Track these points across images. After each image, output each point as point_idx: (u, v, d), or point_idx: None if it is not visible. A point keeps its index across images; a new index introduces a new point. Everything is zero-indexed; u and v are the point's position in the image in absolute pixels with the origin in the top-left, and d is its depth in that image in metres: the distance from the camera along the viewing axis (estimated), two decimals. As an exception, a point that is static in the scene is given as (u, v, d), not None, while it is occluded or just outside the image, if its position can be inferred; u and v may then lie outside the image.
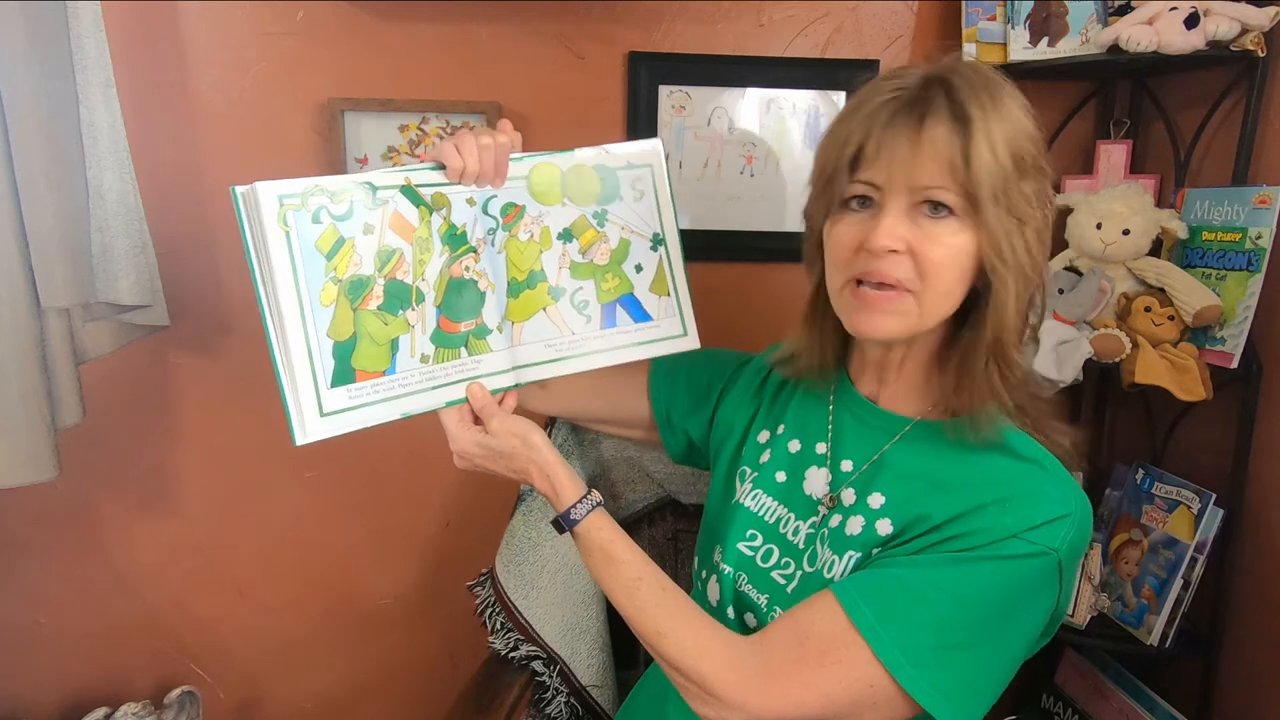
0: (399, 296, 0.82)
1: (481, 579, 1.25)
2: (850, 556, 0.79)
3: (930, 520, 0.75)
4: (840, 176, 0.76)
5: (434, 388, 0.86)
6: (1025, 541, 0.71)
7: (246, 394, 1.50)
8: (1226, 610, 1.36)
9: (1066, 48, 1.38)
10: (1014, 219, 0.72)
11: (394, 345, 0.82)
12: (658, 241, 0.96)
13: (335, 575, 1.62)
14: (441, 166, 0.85)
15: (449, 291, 0.86)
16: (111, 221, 1.25)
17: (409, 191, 0.83)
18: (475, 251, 0.88)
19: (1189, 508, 1.32)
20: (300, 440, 0.77)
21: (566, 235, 0.92)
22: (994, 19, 1.42)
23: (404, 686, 1.69)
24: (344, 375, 0.79)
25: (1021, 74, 1.44)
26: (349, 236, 0.79)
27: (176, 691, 1.52)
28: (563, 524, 0.84)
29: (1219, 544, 1.32)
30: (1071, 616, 1.37)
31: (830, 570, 0.80)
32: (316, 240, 0.77)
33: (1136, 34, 1.29)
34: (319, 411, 0.78)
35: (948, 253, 0.72)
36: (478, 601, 1.23)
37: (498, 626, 1.20)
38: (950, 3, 1.48)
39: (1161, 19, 1.28)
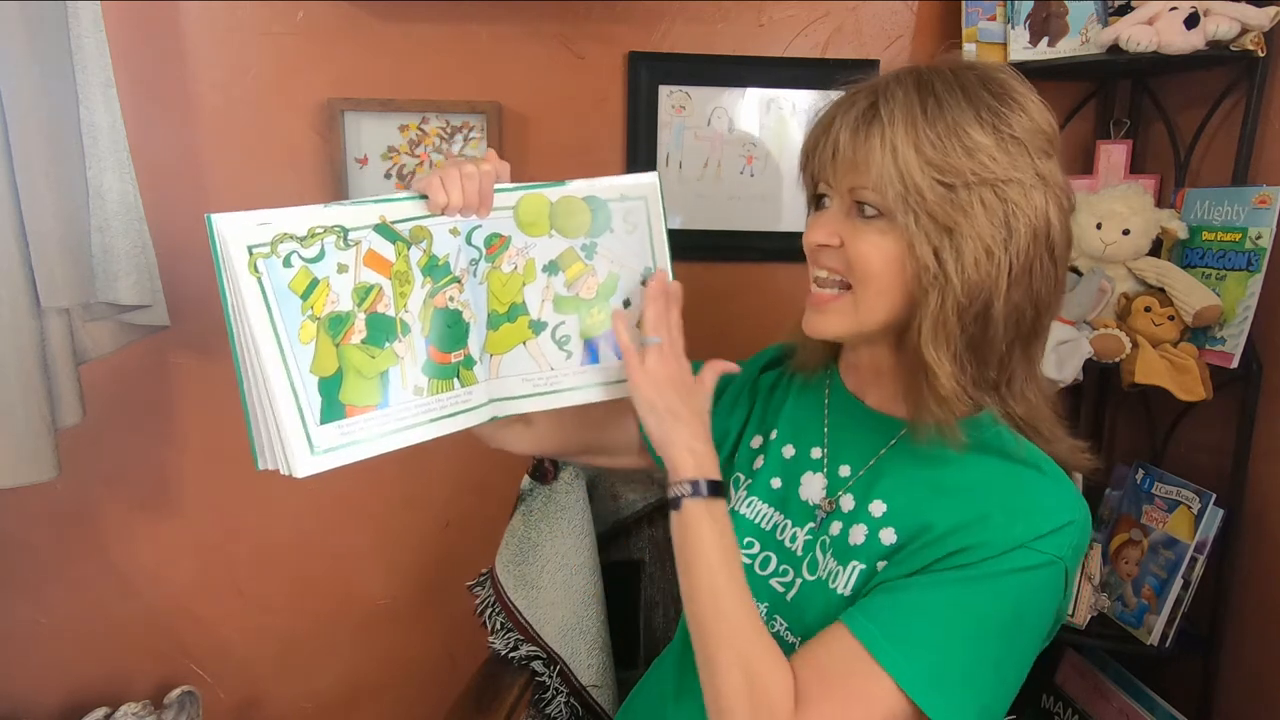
0: (383, 329, 0.81)
1: (481, 579, 1.25)
2: (855, 567, 0.78)
3: (934, 530, 0.74)
4: (804, 177, 0.82)
5: (431, 420, 0.84)
6: (1034, 551, 0.71)
7: (246, 394, 1.50)
8: (1226, 610, 1.36)
9: (1066, 48, 1.38)
10: (939, 227, 0.71)
11: (384, 378, 0.81)
12: (649, 276, 0.93)
13: (335, 575, 1.62)
14: (422, 197, 0.83)
15: (435, 322, 0.84)
16: (111, 221, 1.25)
17: (384, 229, 0.81)
18: (459, 282, 0.86)
19: (1189, 508, 1.32)
20: (299, 475, 0.75)
21: (552, 268, 0.90)
22: (994, 19, 1.42)
23: (404, 686, 1.69)
24: (333, 411, 0.78)
25: (1022, 74, 1.44)
26: (323, 276, 0.78)
27: (176, 691, 1.52)
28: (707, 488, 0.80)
29: (1219, 544, 1.32)
30: (1071, 616, 1.37)
31: (834, 580, 0.79)
32: (290, 282, 0.76)
33: (1136, 34, 1.29)
34: (309, 449, 0.76)
35: (873, 250, 0.74)
36: (478, 601, 1.23)
37: (498, 626, 1.20)
38: (950, 3, 1.48)
39: (1161, 19, 1.28)
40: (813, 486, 0.86)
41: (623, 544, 1.27)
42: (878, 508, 0.79)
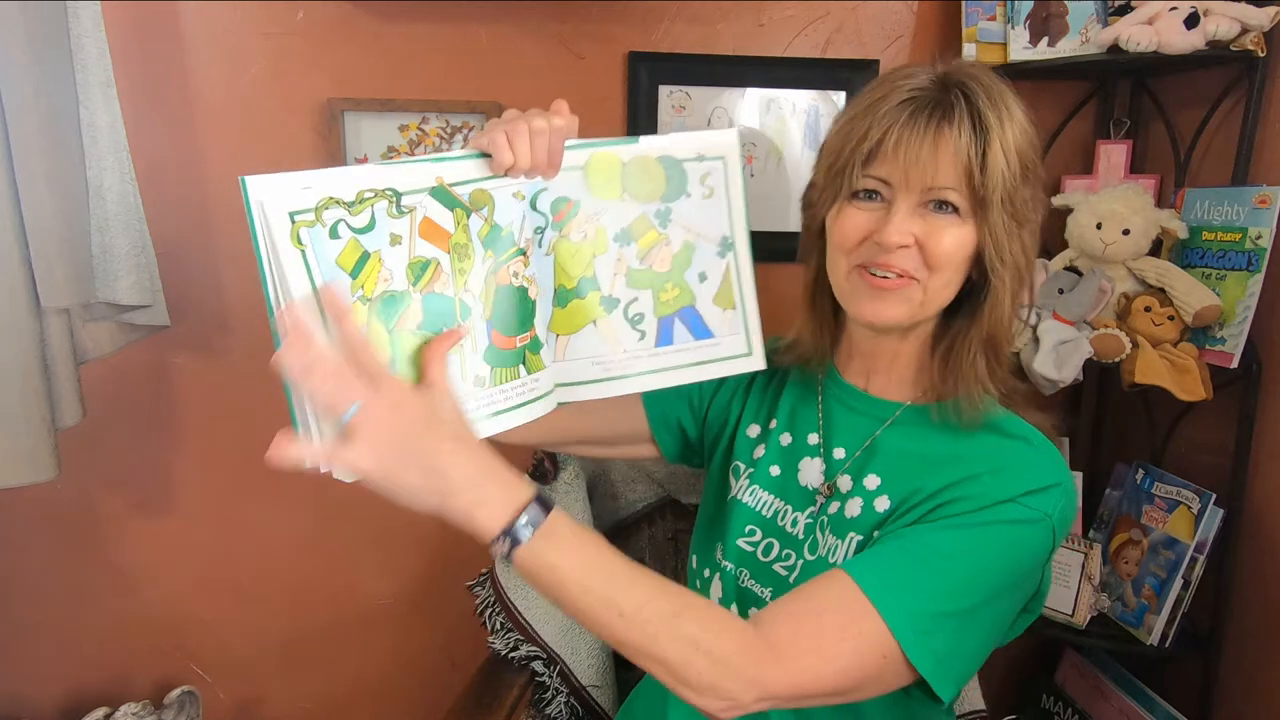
0: (441, 313, 0.71)
1: (481, 579, 1.25)
2: (852, 539, 0.80)
3: (925, 490, 0.77)
4: (852, 169, 0.79)
5: (493, 414, 0.74)
6: (1022, 506, 0.74)
7: (246, 394, 1.50)
8: (1226, 610, 1.36)
9: (1066, 48, 1.38)
10: (1015, 221, 0.76)
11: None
12: (726, 247, 0.84)
13: (335, 575, 1.62)
14: (484, 156, 0.73)
15: (498, 302, 0.74)
16: (111, 221, 1.25)
17: (441, 193, 0.70)
18: (524, 254, 0.76)
19: (1189, 508, 1.32)
20: (346, 479, 0.65)
21: (624, 237, 0.80)
22: (994, 19, 1.42)
23: (404, 686, 1.69)
24: None
25: (1021, 74, 1.44)
26: (374, 250, 0.67)
27: (176, 691, 1.52)
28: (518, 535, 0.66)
29: (1219, 544, 1.32)
30: (1071, 616, 1.37)
31: (834, 555, 0.81)
32: (337, 257, 0.65)
33: (1136, 34, 1.28)
34: None
35: (953, 244, 0.76)
36: (478, 601, 1.23)
37: (498, 626, 1.20)
38: (950, 3, 1.48)
39: (1161, 19, 1.28)
40: (811, 472, 0.88)
41: (622, 544, 1.27)
42: (872, 481, 0.82)
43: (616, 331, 0.81)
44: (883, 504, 0.80)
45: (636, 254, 0.81)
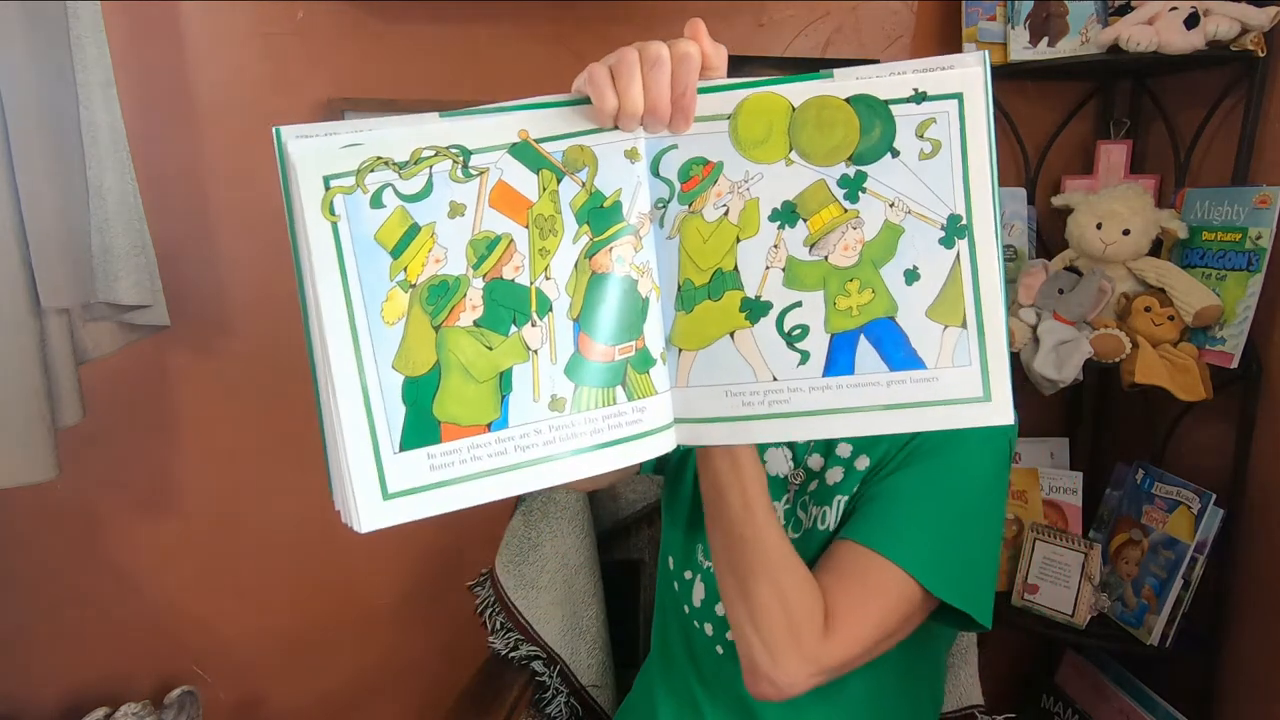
0: (510, 304, 0.55)
1: (481, 579, 1.25)
2: (839, 501, 0.82)
3: (899, 440, 0.80)
4: None
5: (575, 453, 0.56)
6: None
7: (246, 394, 1.50)
8: (1226, 610, 1.36)
9: (1066, 48, 1.38)
10: None
11: (504, 382, 0.55)
12: (956, 231, 0.56)
13: (335, 575, 1.62)
14: (585, 101, 0.55)
15: (592, 296, 0.57)
16: (111, 221, 1.25)
17: (524, 151, 0.55)
18: (636, 234, 0.58)
19: (1189, 508, 1.32)
20: (362, 529, 0.55)
21: (788, 213, 0.57)
22: (994, 19, 1.42)
23: (404, 686, 1.69)
24: (421, 431, 0.53)
25: (1021, 74, 1.44)
26: (426, 223, 0.53)
27: (176, 691, 1.52)
28: None
29: (1219, 544, 1.32)
30: (1071, 616, 1.37)
31: (823, 522, 0.83)
32: (376, 231, 0.52)
33: (1136, 34, 1.28)
34: (380, 490, 0.54)
35: None
36: (478, 601, 1.23)
37: (498, 626, 1.20)
38: (950, 3, 1.48)
39: (1161, 19, 1.28)
40: (777, 462, 0.89)
41: (623, 544, 1.27)
42: (844, 449, 0.84)
43: (763, 350, 0.59)
44: (863, 463, 0.82)
45: (804, 239, 0.57)
